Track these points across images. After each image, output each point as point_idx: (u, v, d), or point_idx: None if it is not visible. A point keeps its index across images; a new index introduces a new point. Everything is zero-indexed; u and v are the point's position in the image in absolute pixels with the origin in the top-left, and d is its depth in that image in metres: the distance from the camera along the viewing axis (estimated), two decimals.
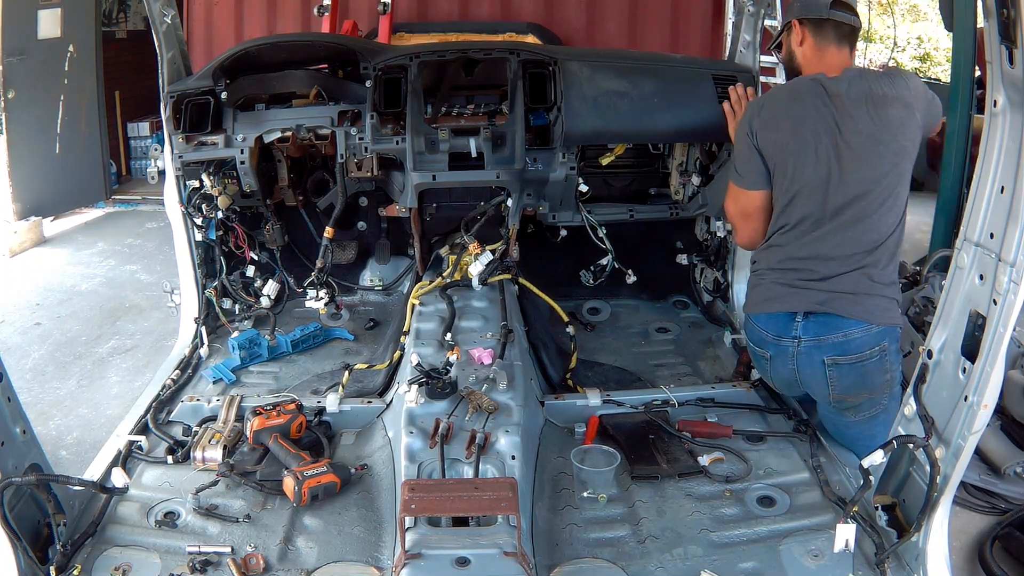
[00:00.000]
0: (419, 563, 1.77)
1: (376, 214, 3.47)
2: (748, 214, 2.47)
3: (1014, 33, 1.45)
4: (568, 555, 1.95)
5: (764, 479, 2.23)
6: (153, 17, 2.97)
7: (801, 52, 2.43)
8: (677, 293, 3.60)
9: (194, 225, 3.10)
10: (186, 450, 2.31)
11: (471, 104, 3.29)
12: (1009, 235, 1.59)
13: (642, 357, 3.11)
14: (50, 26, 6.59)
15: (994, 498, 3.15)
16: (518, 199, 3.03)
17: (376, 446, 2.37)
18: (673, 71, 3.14)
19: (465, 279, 2.99)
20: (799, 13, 2.41)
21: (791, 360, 2.33)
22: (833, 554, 1.87)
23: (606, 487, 2.18)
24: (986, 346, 1.65)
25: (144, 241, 6.45)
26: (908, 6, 12.98)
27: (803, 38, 2.41)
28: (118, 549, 1.94)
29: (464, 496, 1.86)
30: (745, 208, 2.47)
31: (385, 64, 3.08)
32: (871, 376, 2.27)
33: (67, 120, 6.88)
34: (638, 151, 3.36)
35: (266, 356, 2.99)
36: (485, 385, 2.35)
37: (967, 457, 1.73)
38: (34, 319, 4.97)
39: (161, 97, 3.04)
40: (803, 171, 2.29)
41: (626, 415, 2.53)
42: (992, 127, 1.63)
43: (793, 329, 2.30)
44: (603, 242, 3.22)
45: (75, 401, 4.01)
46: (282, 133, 3.07)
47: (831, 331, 2.25)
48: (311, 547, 1.97)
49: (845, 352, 2.24)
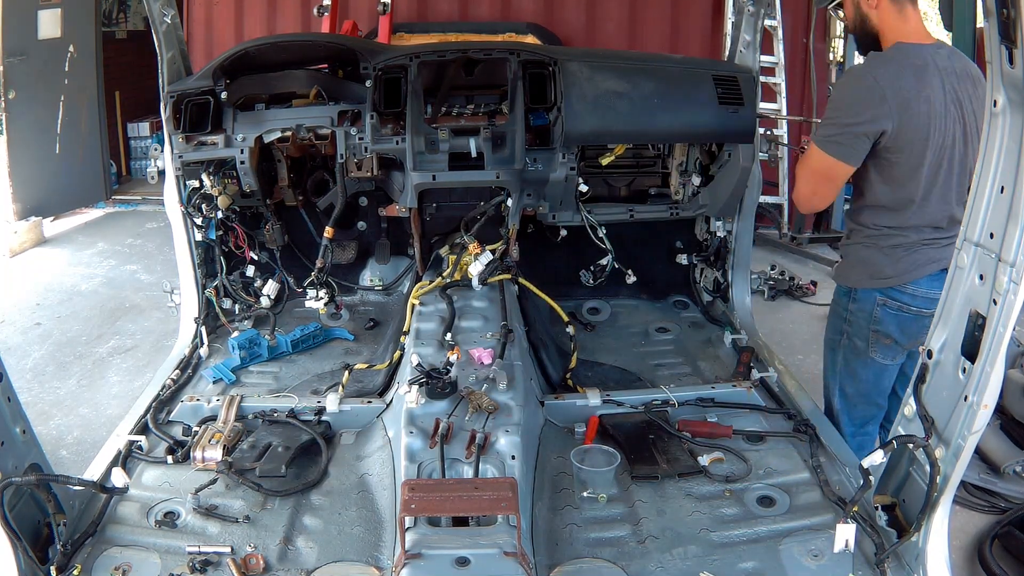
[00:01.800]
0: (419, 563, 1.77)
1: (376, 214, 3.47)
2: (833, 181, 2.52)
3: (1014, 33, 1.45)
4: (568, 555, 1.94)
5: (764, 479, 2.22)
6: (153, 17, 2.97)
7: (877, 14, 2.45)
8: (677, 293, 3.59)
9: (194, 225, 3.10)
10: (186, 450, 2.31)
11: (471, 104, 3.29)
12: (1009, 235, 1.59)
13: (642, 357, 3.11)
14: (50, 26, 6.60)
15: (994, 497, 3.16)
16: (518, 199, 3.02)
17: (376, 446, 2.37)
18: (673, 71, 3.14)
19: (465, 279, 2.98)
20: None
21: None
22: (833, 554, 1.87)
23: (606, 487, 2.18)
24: (986, 346, 1.65)
25: (144, 241, 6.46)
26: None
27: (878, 1, 2.43)
28: (118, 549, 1.93)
29: (464, 496, 1.86)
30: (832, 175, 2.50)
31: (385, 64, 3.08)
32: None
33: (67, 120, 6.89)
34: (638, 151, 3.36)
35: (266, 356, 2.99)
36: (485, 385, 2.35)
37: (967, 457, 1.73)
38: (34, 319, 4.97)
39: (161, 97, 3.04)
40: (938, 146, 2.37)
41: (626, 415, 2.53)
42: (992, 127, 1.63)
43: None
44: (603, 242, 3.23)
45: (75, 401, 4.02)
46: (282, 133, 3.07)
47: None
48: (311, 547, 1.97)
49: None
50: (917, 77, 2.37)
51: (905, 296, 2.53)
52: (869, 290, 2.58)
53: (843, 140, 2.43)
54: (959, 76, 2.40)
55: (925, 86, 2.36)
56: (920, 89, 2.36)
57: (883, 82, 2.37)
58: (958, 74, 2.40)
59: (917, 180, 2.44)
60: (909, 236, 2.51)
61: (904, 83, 2.37)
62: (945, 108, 2.38)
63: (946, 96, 2.38)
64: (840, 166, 2.46)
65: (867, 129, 2.39)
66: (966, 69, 2.43)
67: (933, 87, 2.37)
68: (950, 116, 2.39)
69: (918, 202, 2.46)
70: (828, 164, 2.47)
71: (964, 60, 2.46)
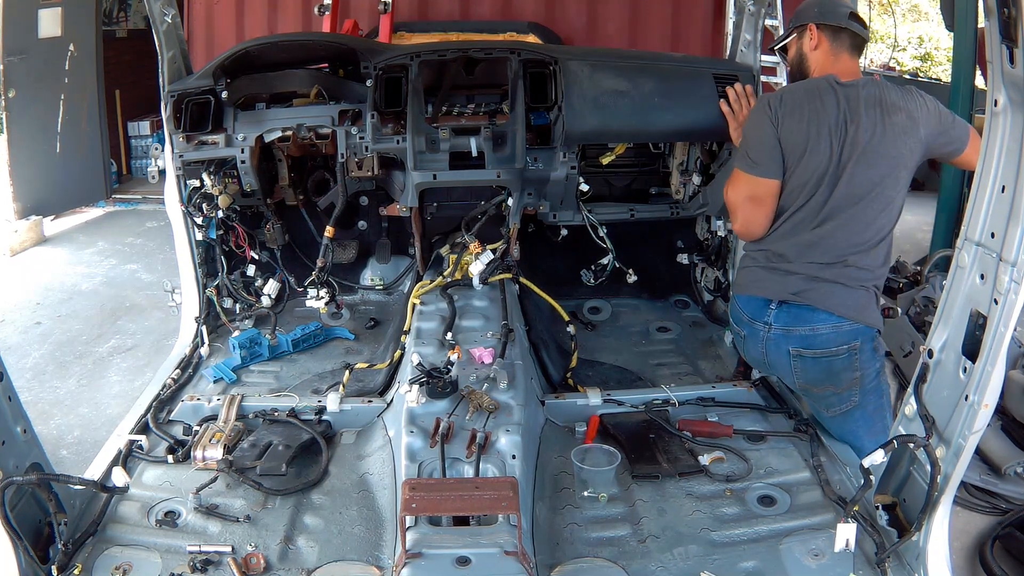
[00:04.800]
0: (420, 562, 1.77)
1: (377, 213, 3.47)
2: (760, 201, 2.42)
3: (1015, 32, 1.45)
4: (569, 554, 1.95)
5: (764, 478, 2.23)
6: (153, 16, 2.96)
7: (815, 56, 2.47)
8: (678, 292, 3.60)
9: (195, 224, 3.10)
10: (186, 449, 2.31)
11: (472, 103, 3.29)
12: (1010, 234, 1.59)
13: (643, 356, 3.11)
14: (51, 25, 6.60)
15: (994, 498, 3.15)
16: (519, 198, 3.02)
17: (376, 445, 2.37)
18: (674, 70, 3.14)
19: (466, 278, 2.99)
20: (817, 18, 2.45)
21: (761, 343, 2.43)
22: (833, 553, 1.87)
23: (607, 486, 2.18)
24: (987, 346, 1.65)
25: (145, 240, 6.46)
26: (909, 6, 13.00)
27: (819, 43, 2.44)
28: (119, 548, 1.94)
29: (465, 495, 1.86)
30: (756, 194, 2.42)
31: (386, 63, 3.08)
32: (836, 373, 2.34)
33: (68, 119, 6.89)
34: (639, 150, 3.36)
35: (267, 355, 2.99)
36: (486, 384, 2.35)
37: (968, 457, 1.73)
38: (35, 318, 4.97)
39: (162, 96, 3.04)
40: (811, 164, 2.32)
41: (627, 414, 2.53)
42: (992, 127, 1.63)
43: (767, 315, 2.40)
44: (604, 241, 3.23)
45: (76, 400, 4.02)
46: (283, 132, 3.07)
47: (800, 323, 2.34)
48: (312, 546, 1.97)
49: (810, 346, 2.34)
50: (808, 93, 2.36)
51: (731, 303, 2.59)
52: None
53: (755, 156, 2.40)
54: (865, 103, 2.30)
55: (814, 99, 2.33)
56: (809, 101, 2.33)
57: (774, 98, 2.41)
58: (865, 101, 2.30)
59: (790, 194, 2.36)
60: (751, 251, 2.49)
61: (795, 96, 2.38)
62: (829, 123, 2.30)
63: (839, 115, 2.30)
64: (759, 182, 2.40)
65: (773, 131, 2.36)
66: (880, 98, 2.31)
67: (825, 103, 2.31)
68: (833, 138, 2.29)
69: (783, 218, 2.38)
70: (749, 182, 2.42)
71: (883, 91, 2.33)
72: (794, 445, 2.38)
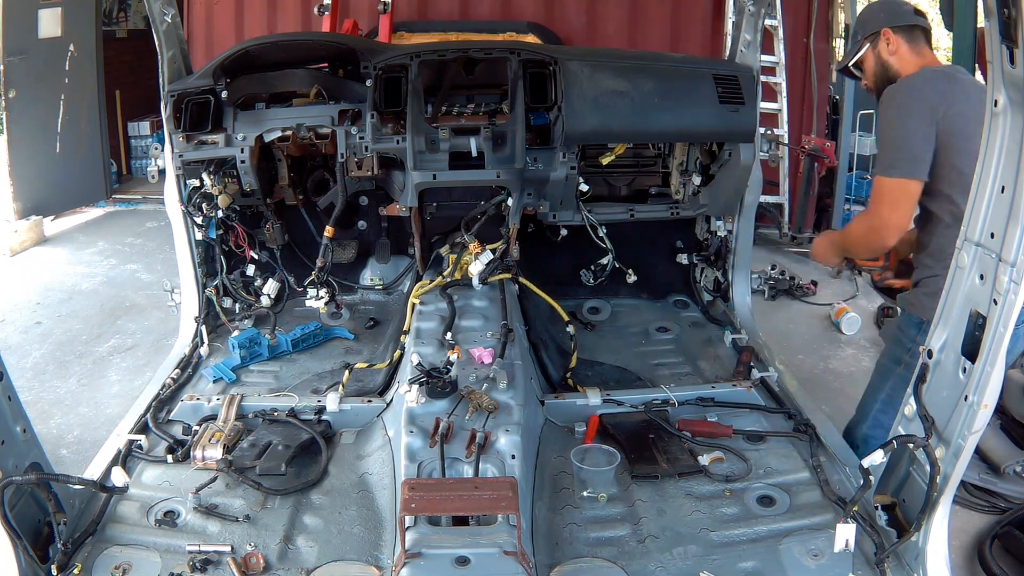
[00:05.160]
0: (419, 562, 1.77)
1: (376, 213, 3.47)
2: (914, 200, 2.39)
3: (1015, 33, 1.45)
4: (568, 554, 1.95)
5: (764, 479, 2.22)
6: (153, 16, 2.97)
7: (896, 59, 2.47)
8: (677, 293, 3.59)
9: (194, 224, 3.10)
10: (186, 449, 2.31)
11: (471, 103, 3.29)
12: (1010, 235, 1.59)
13: (642, 356, 3.11)
14: (51, 25, 6.60)
15: (994, 497, 3.15)
16: (518, 198, 3.02)
17: (376, 445, 2.37)
18: (674, 70, 3.14)
19: (465, 278, 2.99)
20: (888, 22, 2.45)
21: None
22: (833, 554, 1.87)
23: (606, 486, 2.18)
24: (986, 346, 1.65)
25: (144, 240, 6.46)
26: None
27: (897, 45, 2.45)
28: (118, 548, 1.94)
29: (464, 495, 1.86)
30: (912, 195, 2.37)
31: (385, 63, 3.08)
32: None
33: (68, 119, 6.89)
34: (638, 151, 3.36)
35: (266, 355, 2.99)
36: (485, 384, 2.35)
37: (967, 457, 1.73)
38: (35, 318, 4.97)
39: (161, 96, 3.04)
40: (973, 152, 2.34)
41: (626, 414, 2.53)
42: (992, 127, 1.63)
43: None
44: (603, 241, 3.23)
45: (75, 400, 4.02)
46: (282, 132, 3.07)
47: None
48: (311, 546, 1.97)
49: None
50: (948, 82, 2.38)
51: None
52: None
53: (916, 152, 2.34)
54: (977, 90, 2.35)
55: (956, 85, 2.35)
56: (953, 90, 2.35)
57: (921, 88, 2.37)
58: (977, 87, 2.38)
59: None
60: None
61: (939, 86, 2.37)
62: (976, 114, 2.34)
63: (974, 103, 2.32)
64: (915, 184, 2.35)
65: (930, 127, 2.32)
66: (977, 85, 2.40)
67: (967, 91, 2.35)
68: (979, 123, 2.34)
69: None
70: (905, 187, 2.36)
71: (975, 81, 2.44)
72: (793, 445, 2.38)
